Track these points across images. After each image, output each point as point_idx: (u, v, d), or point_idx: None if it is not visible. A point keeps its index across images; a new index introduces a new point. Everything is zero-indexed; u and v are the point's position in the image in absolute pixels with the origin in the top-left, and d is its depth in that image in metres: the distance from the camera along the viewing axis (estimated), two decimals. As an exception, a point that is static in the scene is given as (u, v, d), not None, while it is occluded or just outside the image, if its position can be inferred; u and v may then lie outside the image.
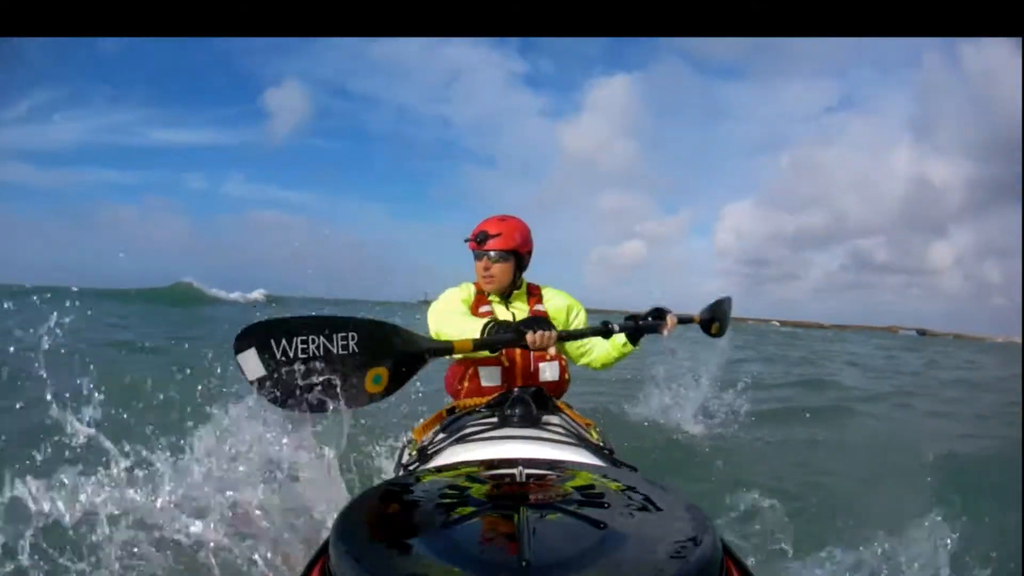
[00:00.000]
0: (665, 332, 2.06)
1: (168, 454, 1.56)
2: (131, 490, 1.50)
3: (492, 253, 1.93)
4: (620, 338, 2.02)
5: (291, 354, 1.33)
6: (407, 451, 1.82)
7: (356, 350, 1.41)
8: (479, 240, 1.94)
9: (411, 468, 1.47)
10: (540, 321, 1.75)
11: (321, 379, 1.37)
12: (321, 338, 1.36)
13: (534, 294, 2.08)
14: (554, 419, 1.63)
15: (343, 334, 1.39)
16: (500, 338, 1.71)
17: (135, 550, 1.51)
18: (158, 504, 1.52)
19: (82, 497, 1.44)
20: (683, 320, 2.23)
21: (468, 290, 2.04)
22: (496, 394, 1.80)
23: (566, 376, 2.02)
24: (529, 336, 1.68)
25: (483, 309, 2.01)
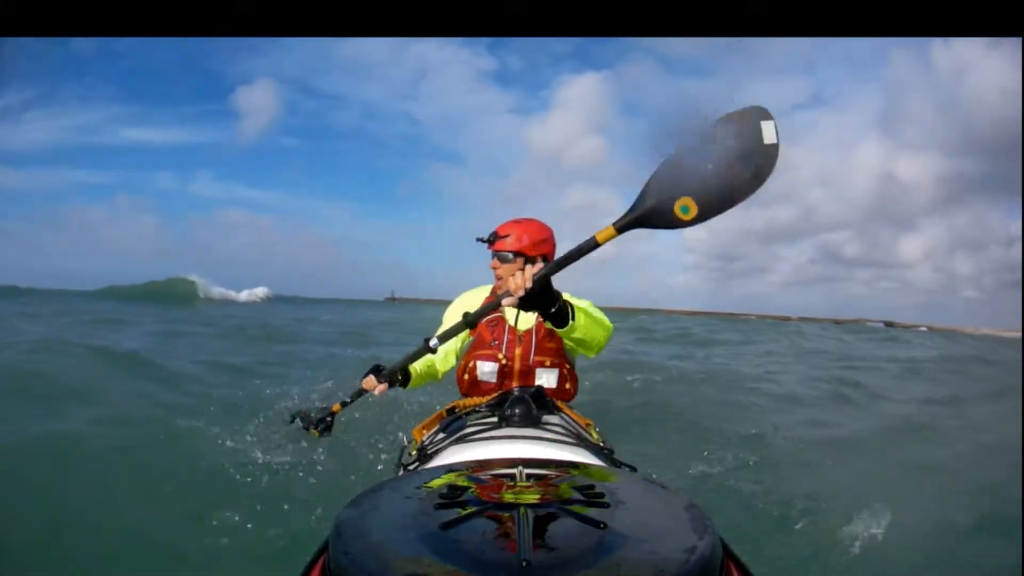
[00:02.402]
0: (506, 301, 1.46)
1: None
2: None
3: (498, 253, 1.96)
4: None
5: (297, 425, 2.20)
6: (407, 451, 1.82)
7: (301, 424, 2.14)
8: (489, 240, 1.98)
9: (411, 468, 1.47)
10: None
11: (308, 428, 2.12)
12: (298, 419, 2.16)
13: None
14: (554, 419, 1.63)
15: (299, 418, 2.16)
16: (481, 309, 1.61)
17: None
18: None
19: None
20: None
21: (481, 294, 2.06)
22: (495, 391, 1.82)
23: (567, 386, 2.00)
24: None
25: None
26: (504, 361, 1.95)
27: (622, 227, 1.33)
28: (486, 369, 1.96)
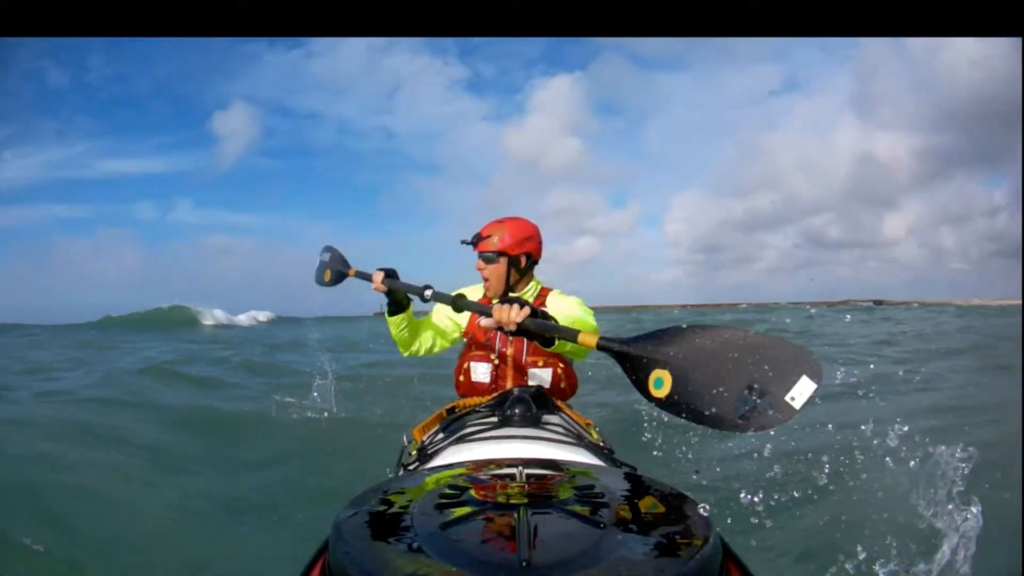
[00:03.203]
0: (483, 322, 1.58)
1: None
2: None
3: (482, 254, 1.96)
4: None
5: (323, 258, 2.49)
6: (407, 451, 1.82)
7: (326, 261, 2.46)
8: (473, 242, 1.98)
9: (411, 468, 1.47)
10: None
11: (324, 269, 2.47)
12: (328, 255, 2.46)
13: (540, 297, 2.04)
14: (554, 419, 1.63)
15: (329, 255, 2.46)
16: (472, 304, 1.71)
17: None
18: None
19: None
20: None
21: (477, 292, 2.06)
22: (490, 392, 1.82)
23: (563, 384, 1.99)
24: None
25: None
26: (497, 362, 1.95)
27: (601, 347, 1.25)
28: (480, 370, 1.98)
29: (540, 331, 1.42)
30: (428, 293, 1.86)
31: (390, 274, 1.99)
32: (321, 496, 2.68)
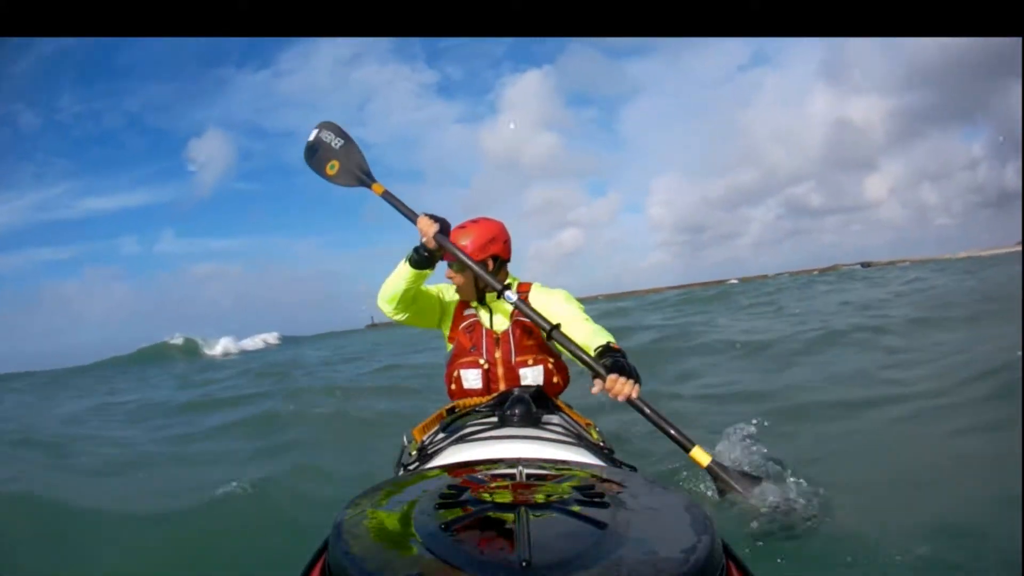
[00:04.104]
0: (595, 389, 1.71)
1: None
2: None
3: (450, 264, 1.95)
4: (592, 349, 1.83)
5: (324, 138, 2.37)
6: (407, 451, 1.82)
7: (336, 148, 2.34)
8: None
9: (411, 468, 1.47)
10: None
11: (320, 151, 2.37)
12: (333, 136, 2.35)
13: (521, 294, 2.00)
14: (554, 419, 1.63)
15: (341, 141, 2.34)
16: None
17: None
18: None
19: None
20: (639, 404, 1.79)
21: (451, 291, 2.06)
22: (493, 395, 1.81)
23: (555, 380, 1.98)
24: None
25: (467, 313, 2.03)
26: (486, 366, 1.93)
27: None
28: (470, 376, 1.94)
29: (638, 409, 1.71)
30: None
31: (444, 228, 1.90)
32: (321, 496, 2.68)
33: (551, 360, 1.97)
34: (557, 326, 1.78)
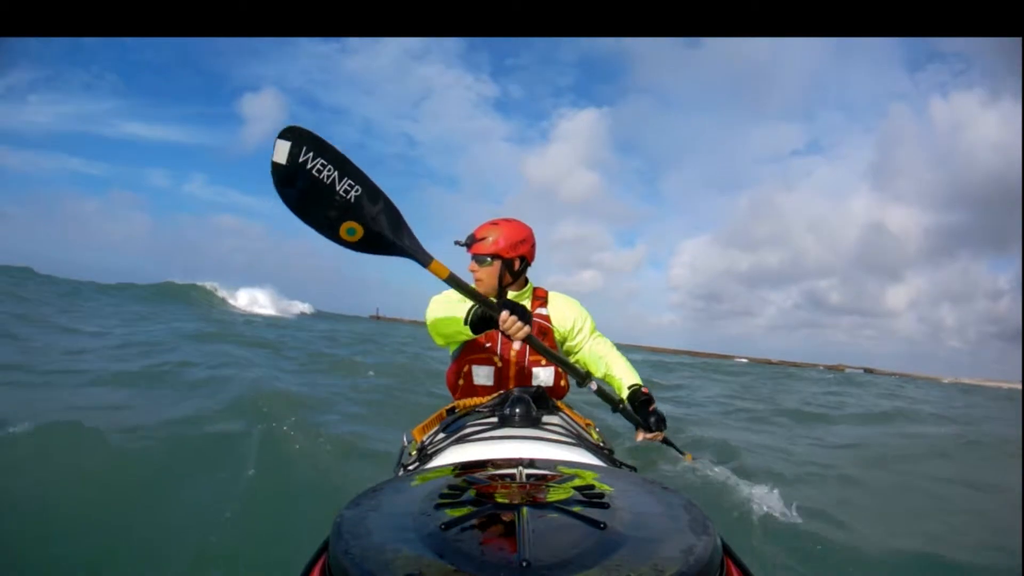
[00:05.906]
0: (639, 438, 2.07)
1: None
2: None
3: (476, 256, 1.95)
4: (623, 389, 2.07)
5: (308, 166, 1.40)
6: (407, 451, 1.82)
7: (351, 200, 1.45)
8: (467, 243, 1.96)
9: (411, 468, 1.47)
10: (520, 309, 1.59)
11: (311, 191, 1.42)
12: (335, 172, 1.42)
13: (539, 298, 2.05)
14: (554, 419, 1.63)
15: (354, 184, 1.44)
16: (479, 297, 1.60)
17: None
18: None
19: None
20: (666, 441, 2.21)
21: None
22: (493, 394, 1.81)
23: (563, 382, 2.00)
24: (503, 314, 1.57)
25: None
26: (500, 364, 1.94)
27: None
28: (482, 373, 1.95)
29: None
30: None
31: (525, 318, 1.61)
32: (321, 495, 2.68)
33: None
34: (589, 375, 1.92)
